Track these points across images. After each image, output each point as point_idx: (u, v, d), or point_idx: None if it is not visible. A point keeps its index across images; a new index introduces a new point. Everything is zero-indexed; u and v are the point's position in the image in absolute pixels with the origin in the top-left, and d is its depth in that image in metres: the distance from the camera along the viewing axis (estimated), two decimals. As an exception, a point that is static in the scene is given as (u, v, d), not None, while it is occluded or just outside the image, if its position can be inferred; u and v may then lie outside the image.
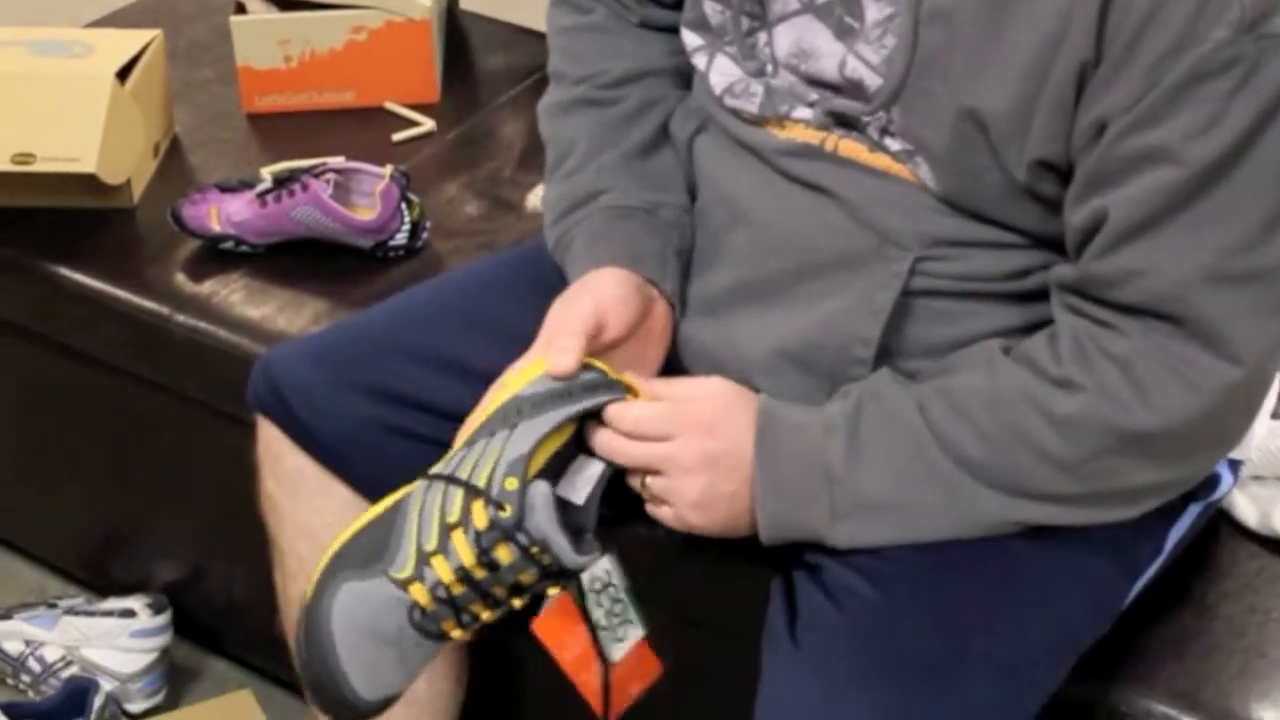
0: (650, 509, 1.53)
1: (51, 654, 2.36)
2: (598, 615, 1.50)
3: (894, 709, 1.38)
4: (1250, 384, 1.40)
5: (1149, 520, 1.52)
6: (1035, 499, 1.44)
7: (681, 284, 1.65)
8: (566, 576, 1.47)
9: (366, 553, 1.46)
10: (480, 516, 1.43)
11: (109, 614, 2.36)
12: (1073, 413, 1.40)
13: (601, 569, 1.50)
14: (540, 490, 1.43)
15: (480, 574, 1.43)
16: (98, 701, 2.25)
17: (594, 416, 1.51)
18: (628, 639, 1.52)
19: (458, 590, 1.43)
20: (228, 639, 2.45)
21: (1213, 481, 1.62)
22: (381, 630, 1.44)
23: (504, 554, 1.43)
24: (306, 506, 1.76)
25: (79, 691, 2.26)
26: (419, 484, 1.48)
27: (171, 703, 2.38)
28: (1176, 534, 1.63)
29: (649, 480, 1.51)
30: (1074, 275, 1.42)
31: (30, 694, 2.38)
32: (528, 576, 1.44)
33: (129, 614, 2.35)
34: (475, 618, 1.46)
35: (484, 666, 1.92)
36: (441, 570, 1.43)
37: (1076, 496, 1.45)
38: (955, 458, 1.44)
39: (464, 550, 1.43)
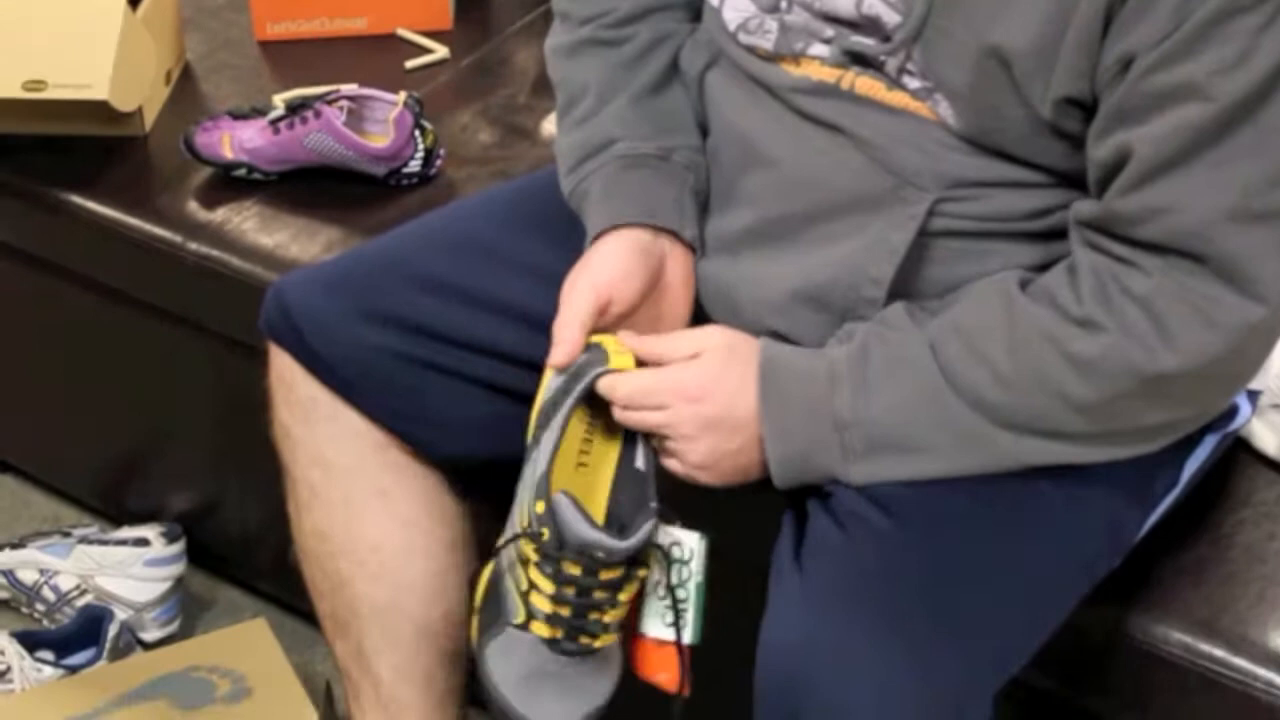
0: (663, 461, 1.53)
1: (66, 583, 2.37)
2: (678, 590, 1.51)
3: (897, 635, 1.36)
4: (1273, 322, 1.38)
5: (1166, 453, 1.51)
6: (1051, 438, 1.43)
7: (700, 223, 1.64)
8: (640, 561, 1.49)
9: (495, 612, 1.54)
10: (532, 551, 1.48)
11: (123, 543, 2.36)
12: (1095, 355, 1.39)
13: (684, 544, 1.51)
14: (562, 502, 1.46)
15: (569, 591, 1.47)
16: (112, 630, 2.25)
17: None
18: (688, 628, 1.52)
19: (565, 612, 1.48)
20: (242, 568, 2.45)
21: (1231, 411, 1.61)
22: (537, 668, 1.51)
23: (571, 569, 1.47)
24: (319, 435, 1.76)
25: (94, 620, 2.27)
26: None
27: (186, 631, 2.39)
28: (1194, 465, 1.61)
29: (655, 441, 1.52)
30: (1095, 211, 1.40)
31: (45, 623, 2.38)
32: (608, 574, 1.47)
33: (143, 543, 2.35)
34: (600, 622, 1.49)
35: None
36: (541, 604, 1.49)
37: (1092, 435, 1.43)
38: (970, 400, 1.43)
39: (542, 581, 1.48)
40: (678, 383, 1.50)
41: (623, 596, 1.49)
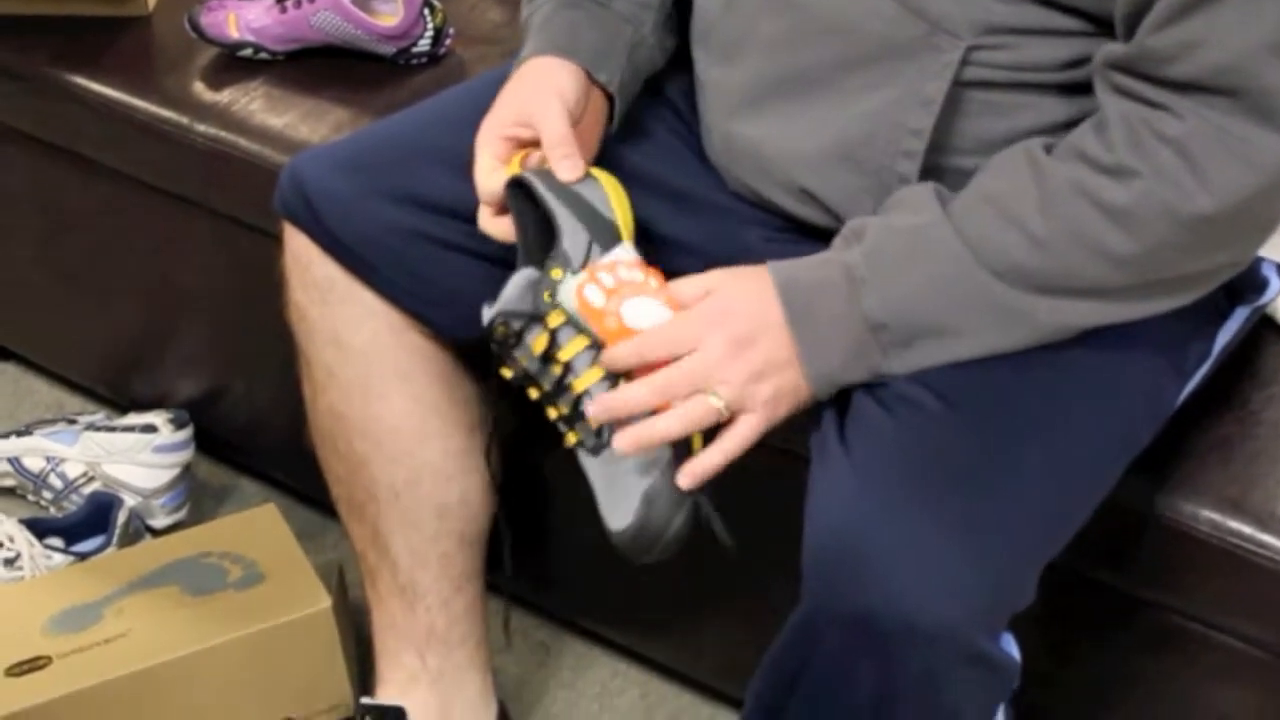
0: (733, 440, 1.46)
1: (73, 470, 2.35)
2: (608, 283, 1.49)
3: (947, 514, 1.35)
4: None
5: (1199, 321, 1.50)
6: (1090, 298, 1.41)
7: (631, 81, 1.64)
8: (547, 308, 1.50)
9: None
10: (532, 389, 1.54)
11: (130, 429, 2.34)
12: (1130, 202, 1.36)
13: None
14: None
15: (541, 383, 1.51)
16: (121, 517, 2.24)
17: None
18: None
19: (565, 409, 1.51)
20: (250, 455, 2.44)
21: (1259, 284, 1.60)
22: (604, 480, 1.52)
23: (521, 359, 1.51)
24: (335, 316, 1.74)
25: (102, 507, 2.25)
26: None
27: (194, 519, 2.37)
28: (1224, 338, 1.60)
29: (714, 401, 1.43)
30: (1126, 52, 1.37)
31: (52, 510, 2.37)
32: (536, 342, 1.49)
33: (150, 429, 2.33)
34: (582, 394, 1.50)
35: (515, 486, 1.90)
36: (552, 415, 1.52)
37: (1132, 289, 1.42)
38: (1004, 271, 1.40)
39: (534, 393, 1.53)
40: (700, 314, 1.45)
41: (565, 355, 1.49)
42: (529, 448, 1.94)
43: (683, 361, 1.43)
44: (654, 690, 2.16)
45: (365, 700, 1.93)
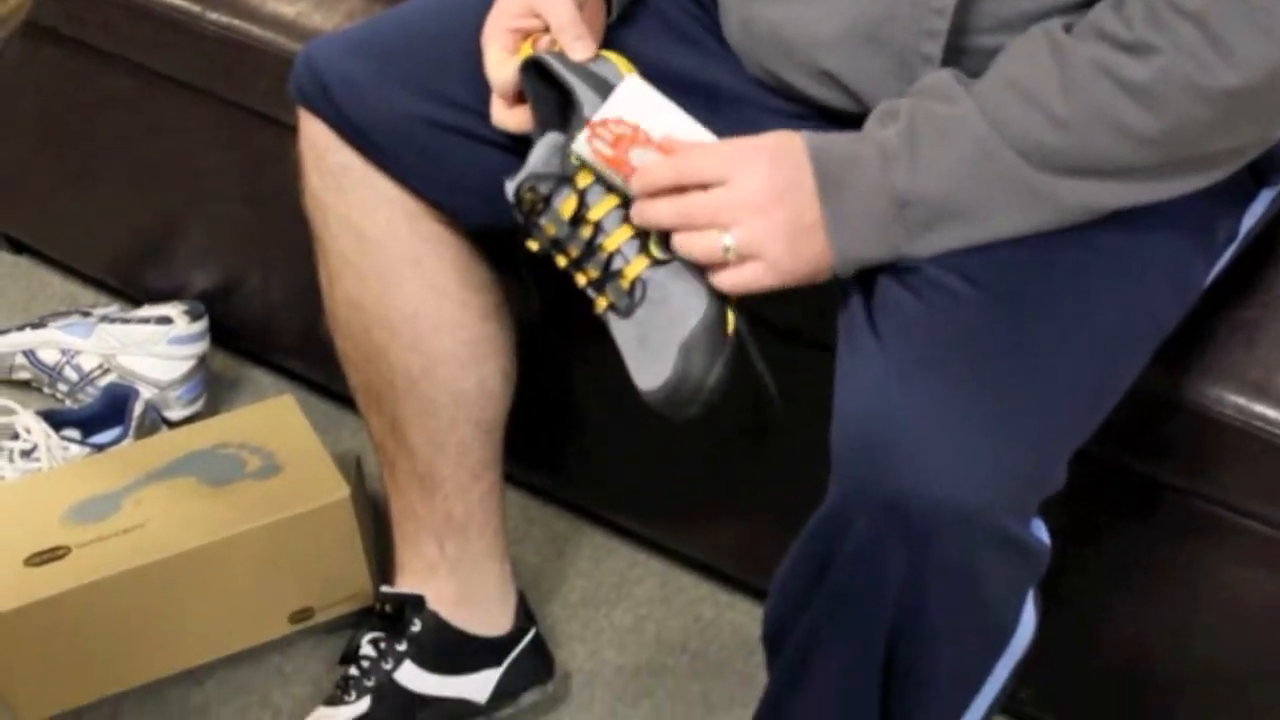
0: (730, 277, 1.45)
1: (88, 362, 2.34)
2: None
3: (978, 398, 1.34)
4: None
5: (1225, 203, 1.48)
6: (1114, 178, 1.40)
7: None
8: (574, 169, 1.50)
9: None
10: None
11: (145, 321, 2.33)
12: (1151, 78, 1.34)
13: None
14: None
15: (569, 249, 1.51)
16: (138, 408, 2.23)
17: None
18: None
19: (595, 273, 1.51)
20: (265, 347, 2.43)
21: (1285, 165, 1.58)
22: (634, 341, 1.51)
23: (549, 228, 1.51)
24: (351, 202, 1.73)
25: (118, 398, 2.25)
26: None
27: (210, 411, 2.37)
28: (1249, 220, 1.59)
29: (729, 240, 1.43)
30: None
31: (67, 403, 2.36)
32: (564, 206, 1.50)
33: (165, 321, 2.33)
34: (612, 254, 1.50)
35: (533, 376, 1.89)
36: (580, 280, 1.53)
37: (1155, 168, 1.40)
38: (1028, 151, 1.39)
39: (561, 261, 1.53)
40: (742, 150, 1.44)
41: (595, 215, 1.49)
42: (547, 337, 1.93)
43: (712, 192, 1.43)
44: (673, 580, 2.17)
45: (385, 589, 1.93)
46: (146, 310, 2.35)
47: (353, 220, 1.73)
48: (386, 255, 1.73)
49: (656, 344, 1.48)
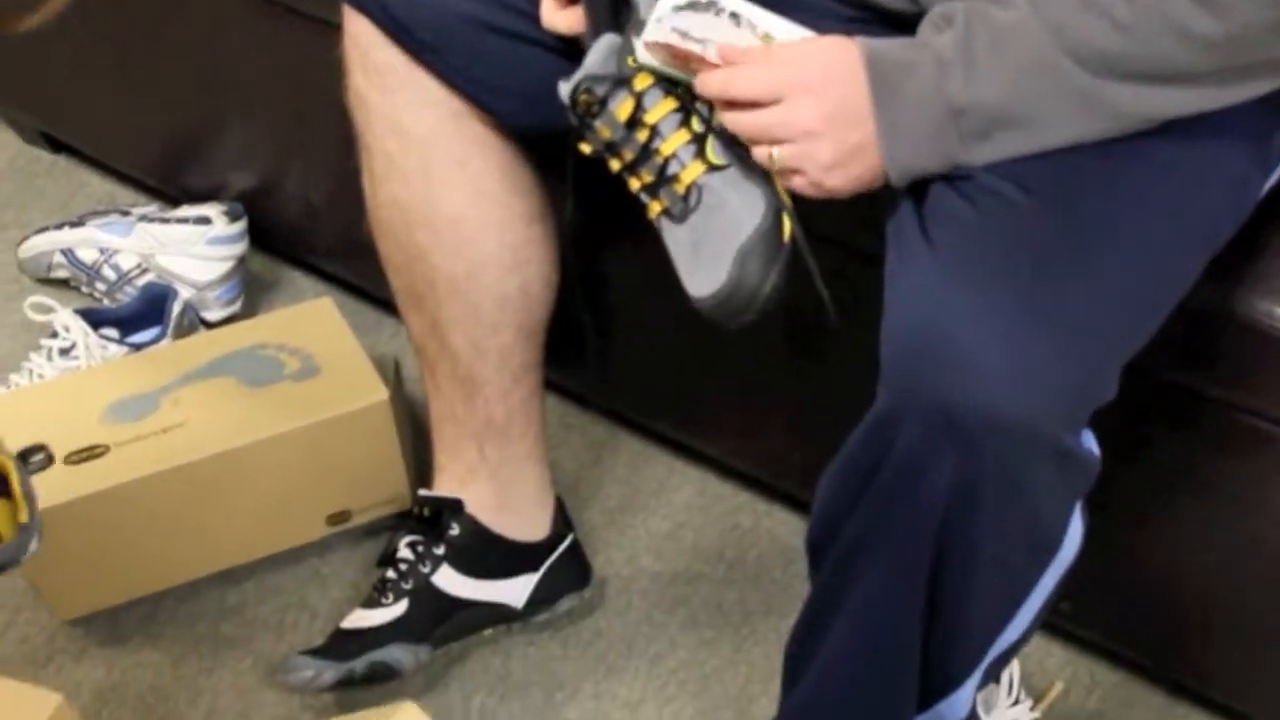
0: (783, 182, 1.45)
1: (127, 261, 2.34)
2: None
3: (1033, 302, 1.33)
4: None
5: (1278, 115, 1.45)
6: (1175, 83, 1.38)
7: None
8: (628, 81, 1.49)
9: None
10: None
11: (184, 221, 2.33)
12: None
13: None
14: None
15: (622, 152, 1.50)
16: (176, 308, 2.23)
17: None
18: None
19: (648, 177, 1.50)
20: (303, 249, 2.42)
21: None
22: (687, 246, 1.50)
23: (603, 131, 1.50)
24: (396, 102, 1.72)
25: (157, 298, 2.25)
26: None
27: (248, 312, 2.37)
28: (1303, 132, 1.56)
29: (775, 153, 1.43)
30: None
31: (105, 302, 2.36)
32: (620, 109, 1.49)
33: (204, 221, 2.32)
34: (668, 158, 1.49)
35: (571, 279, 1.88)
36: (634, 185, 1.51)
37: (1217, 74, 1.38)
38: (1086, 57, 1.36)
39: (614, 164, 1.52)
40: (794, 75, 1.42)
41: (651, 118, 1.48)
42: (589, 242, 1.91)
43: (766, 112, 1.42)
44: (711, 488, 2.16)
45: (423, 492, 1.93)
46: (185, 210, 2.34)
47: (397, 121, 1.71)
48: (431, 157, 1.72)
49: (711, 251, 1.47)
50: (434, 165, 1.72)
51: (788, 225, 1.46)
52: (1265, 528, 1.71)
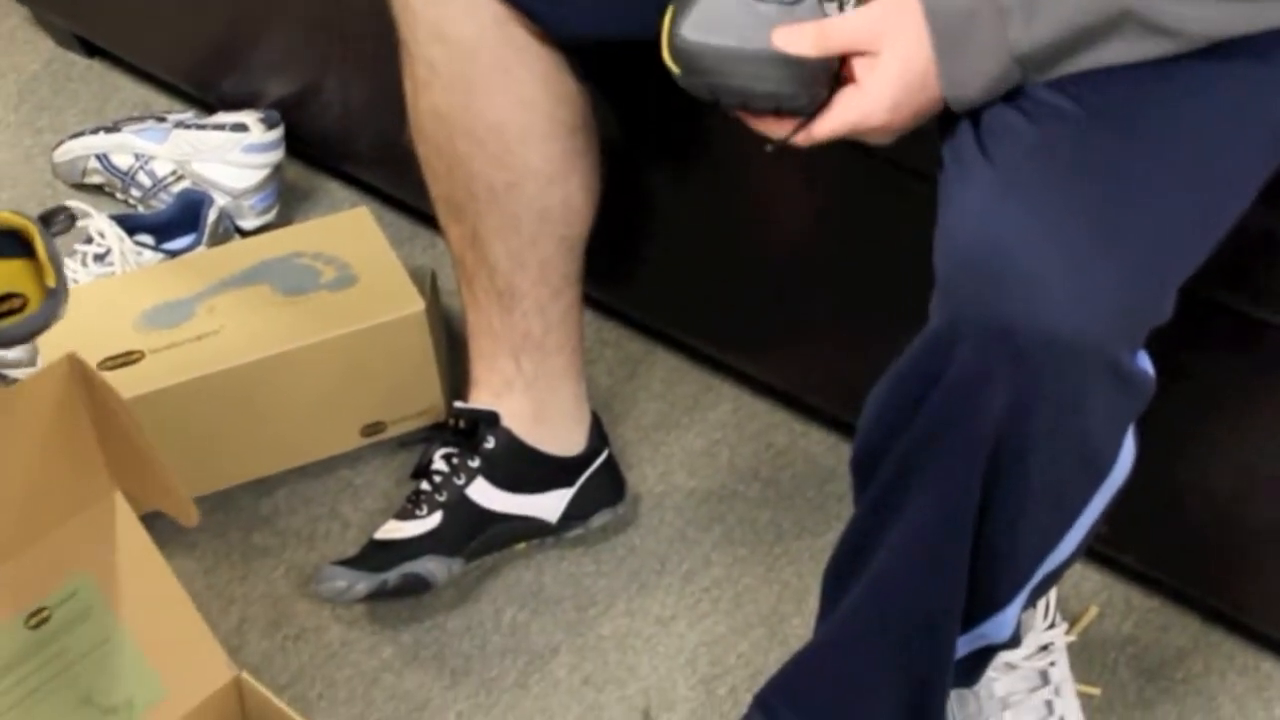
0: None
1: (162, 168, 2.32)
2: None
3: (1093, 219, 1.31)
4: None
5: None
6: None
7: None
8: None
9: None
10: None
11: (220, 128, 2.31)
12: None
13: None
14: None
15: None
16: (212, 215, 2.22)
17: None
18: None
19: None
20: (340, 158, 2.40)
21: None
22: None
23: None
24: (439, 9, 1.70)
25: (192, 205, 2.23)
26: None
27: (283, 221, 2.36)
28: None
29: None
30: None
31: (140, 208, 2.34)
32: None
33: (241, 128, 2.30)
34: None
35: (608, 194, 1.86)
36: None
37: None
38: None
39: None
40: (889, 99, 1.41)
41: None
42: (625, 155, 1.90)
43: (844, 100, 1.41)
44: (745, 405, 2.15)
45: (459, 404, 1.92)
46: (221, 117, 2.32)
47: (440, 27, 1.70)
48: (475, 63, 1.70)
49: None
50: (477, 72, 1.71)
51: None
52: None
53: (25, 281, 1.39)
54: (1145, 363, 1.38)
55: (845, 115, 1.40)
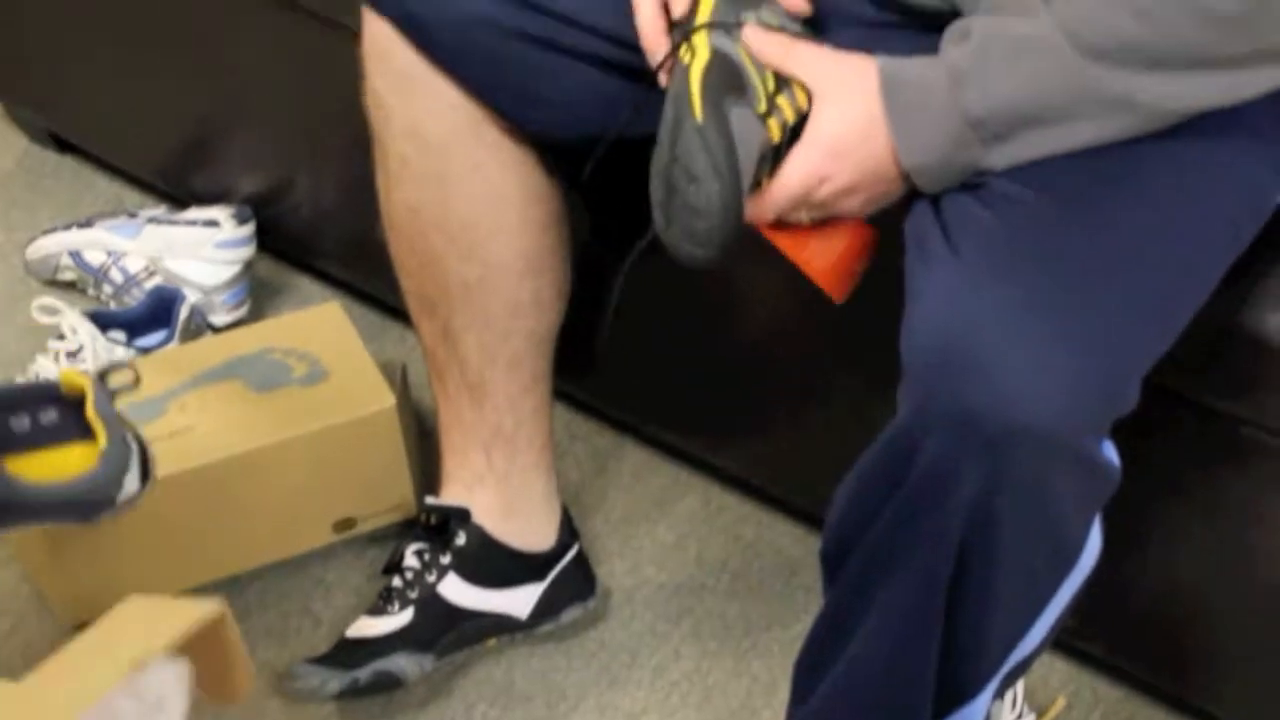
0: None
1: (134, 264, 2.33)
2: None
3: (1057, 310, 1.33)
4: None
5: None
6: (1194, 69, 1.38)
7: None
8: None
9: (729, 82, 1.49)
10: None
11: (192, 224, 2.32)
12: None
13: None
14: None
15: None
16: (184, 312, 2.23)
17: None
18: None
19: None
20: (311, 253, 2.41)
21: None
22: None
23: None
24: (415, 107, 1.71)
25: (165, 301, 2.24)
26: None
27: (255, 317, 2.36)
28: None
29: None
30: None
31: (113, 304, 2.35)
32: None
33: (213, 224, 2.31)
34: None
35: (579, 290, 1.88)
36: (785, 109, 1.49)
37: (1238, 59, 1.38)
38: (1108, 49, 1.37)
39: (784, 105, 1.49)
40: (808, 167, 1.47)
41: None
42: (595, 251, 1.92)
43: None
44: (715, 498, 2.16)
45: (430, 500, 1.92)
46: (193, 213, 2.34)
47: (415, 124, 1.71)
48: (448, 160, 1.72)
49: None
50: (450, 169, 1.72)
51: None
52: (1269, 544, 1.71)
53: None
54: (1110, 452, 1.40)
55: (790, 169, 1.45)
